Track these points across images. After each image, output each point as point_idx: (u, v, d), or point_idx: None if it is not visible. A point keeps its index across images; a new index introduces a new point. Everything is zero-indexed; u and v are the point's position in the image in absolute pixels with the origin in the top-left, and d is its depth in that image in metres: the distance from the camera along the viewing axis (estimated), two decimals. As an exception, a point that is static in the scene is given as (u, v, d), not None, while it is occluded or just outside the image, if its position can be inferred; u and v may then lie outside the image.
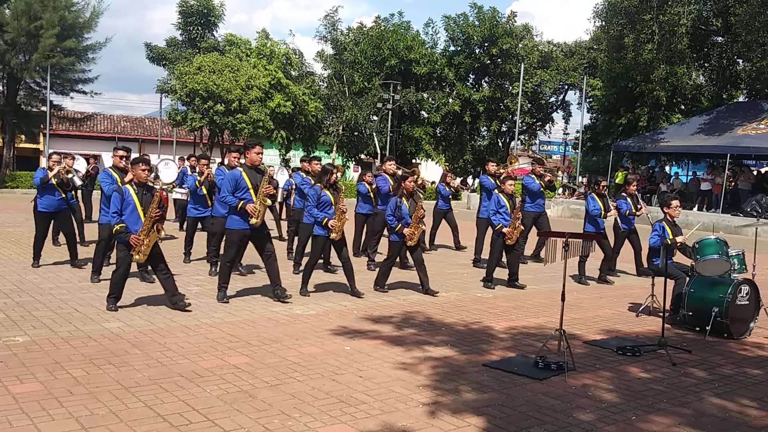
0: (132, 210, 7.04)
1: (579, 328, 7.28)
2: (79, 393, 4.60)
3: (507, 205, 9.31)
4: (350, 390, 4.94)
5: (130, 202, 7.04)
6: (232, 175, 7.74)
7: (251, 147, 7.81)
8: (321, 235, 8.33)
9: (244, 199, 7.57)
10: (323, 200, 8.33)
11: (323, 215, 8.25)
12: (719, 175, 24.41)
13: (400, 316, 7.51)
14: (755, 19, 25.95)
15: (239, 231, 7.64)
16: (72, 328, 6.27)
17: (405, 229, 8.65)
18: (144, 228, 7.00)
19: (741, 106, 30.01)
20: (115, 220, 6.99)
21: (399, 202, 8.70)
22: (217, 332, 6.40)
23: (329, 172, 8.52)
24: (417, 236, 8.81)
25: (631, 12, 28.99)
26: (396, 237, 8.75)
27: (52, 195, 9.51)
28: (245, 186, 7.63)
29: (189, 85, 30.29)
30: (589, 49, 40.21)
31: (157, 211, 7.08)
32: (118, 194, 7.05)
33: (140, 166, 7.20)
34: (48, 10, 29.86)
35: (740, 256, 7.81)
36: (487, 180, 11.83)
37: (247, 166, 7.81)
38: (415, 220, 8.75)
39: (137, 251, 6.98)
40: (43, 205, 9.50)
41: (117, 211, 7.00)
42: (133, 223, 7.00)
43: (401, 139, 39.90)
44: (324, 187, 8.42)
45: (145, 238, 7.00)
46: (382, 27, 40.18)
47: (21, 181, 26.60)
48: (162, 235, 7.12)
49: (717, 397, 5.22)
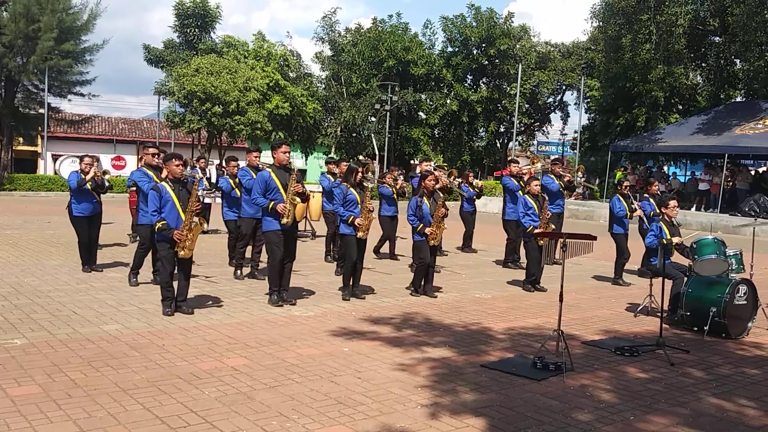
0: (171, 207, 7.00)
1: (577, 329, 7.28)
2: (78, 395, 4.60)
3: (534, 206, 9.28)
4: (349, 391, 4.94)
5: (169, 199, 7.00)
6: (262, 176, 7.69)
7: (278, 146, 7.77)
8: (349, 234, 8.30)
9: (275, 199, 7.52)
10: (349, 199, 8.32)
11: (349, 213, 8.24)
12: (717, 175, 24.42)
13: (399, 317, 7.51)
14: (752, 19, 25.99)
15: (275, 232, 7.59)
16: (70, 331, 6.27)
17: (426, 228, 8.59)
18: (186, 223, 6.99)
19: (739, 105, 30.04)
20: (156, 218, 6.95)
21: (420, 202, 8.63)
22: (216, 334, 6.40)
23: (354, 171, 8.50)
24: (439, 236, 8.78)
25: (628, 12, 29.03)
26: (418, 237, 8.69)
27: (89, 199, 9.36)
28: (275, 186, 7.57)
29: (187, 86, 30.30)
30: (586, 50, 40.29)
31: (197, 204, 7.08)
32: (155, 192, 7.00)
33: (173, 162, 7.15)
34: (46, 13, 29.86)
35: (738, 255, 7.82)
36: (511, 181, 11.70)
37: (275, 166, 7.75)
38: (436, 219, 8.72)
39: (182, 247, 6.95)
40: (78, 210, 9.32)
41: (156, 209, 6.95)
42: (172, 219, 6.97)
43: (399, 140, 39.95)
44: (350, 186, 8.41)
45: (189, 233, 6.99)
46: (379, 28, 40.23)
47: (19, 184, 26.56)
48: (205, 227, 7.09)
49: (715, 396, 5.22)
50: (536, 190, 9.44)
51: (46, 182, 27.21)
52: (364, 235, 8.32)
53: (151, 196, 7.03)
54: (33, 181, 27.21)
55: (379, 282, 9.54)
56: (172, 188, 7.06)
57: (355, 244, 8.31)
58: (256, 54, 34.87)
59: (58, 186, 25.73)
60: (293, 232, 7.85)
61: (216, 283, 9.01)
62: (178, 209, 7.02)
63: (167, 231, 6.91)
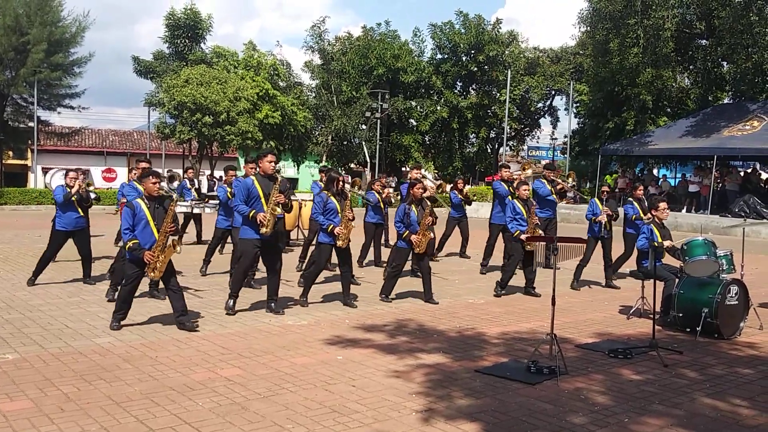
0: (144, 225, 6.79)
1: (571, 332, 7.30)
2: (70, 409, 4.57)
3: (523, 211, 9.28)
4: (343, 399, 4.93)
5: (143, 218, 6.80)
6: (245, 184, 7.68)
7: (263, 156, 7.75)
8: (326, 243, 8.29)
9: (256, 208, 7.49)
10: (329, 207, 8.31)
11: (329, 222, 8.24)
12: (707, 177, 24.58)
13: (393, 324, 7.50)
14: (738, 22, 26.23)
15: (251, 240, 7.55)
16: (62, 344, 6.23)
17: (413, 236, 8.60)
18: (159, 243, 6.77)
19: (727, 107, 30.28)
20: (128, 237, 6.76)
21: (408, 209, 8.65)
22: (209, 345, 6.37)
23: (335, 180, 8.50)
24: (425, 244, 8.75)
25: (615, 17, 29.23)
26: (404, 244, 8.70)
27: (72, 213, 9.30)
28: (257, 195, 7.55)
29: (177, 97, 30.27)
30: (575, 55, 40.49)
31: (171, 225, 6.85)
32: (129, 209, 6.84)
33: (150, 179, 6.95)
34: (35, 26, 29.83)
35: (728, 256, 7.87)
36: (501, 186, 11.59)
37: (260, 174, 7.73)
38: (422, 227, 8.70)
39: (152, 268, 6.75)
40: (61, 224, 9.27)
41: (129, 227, 6.77)
42: (146, 239, 6.77)
43: (390, 147, 40.01)
44: (331, 195, 8.41)
45: (161, 254, 6.78)
46: (368, 37, 40.34)
47: (9, 198, 26.43)
48: (178, 251, 6.91)
49: (709, 397, 5.24)
50: (525, 195, 9.46)
51: (36, 195, 27.09)
52: (344, 243, 8.30)
53: (125, 213, 6.86)
54: (23, 195, 27.10)
55: (372, 289, 9.53)
56: (148, 206, 6.87)
57: (329, 253, 8.34)
58: (246, 64, 34.88)
59: (49, 199, 25.56)
60: (274, 244, 7.81)
61: (208, 293, 8.98)
62: (152, 228, 6.81)
63: (138, 251, 6.70)
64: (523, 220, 9.26)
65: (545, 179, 11.66)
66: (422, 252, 8.76)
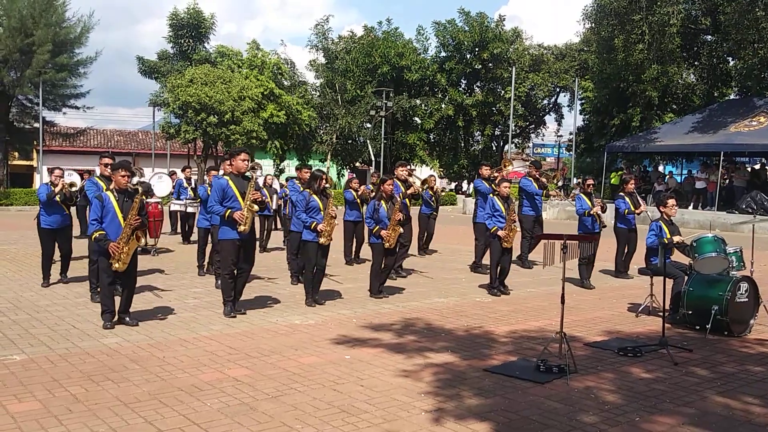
0: (113, 217, 6.89)
1: (579, 330, 7.26)
2: (79, 410, 4.55)
3: (502, 208, 9.28)
4: (352, 399, 4.91)
5: (110, 210, 6.89)
6: (219, 184, 7.64)
7: (237, 154, 7.70)
8: (311, 241, 8.31)
9: (233, 207, 7.47)
10: (312, 206, 8.33)
11: (312, 220, 8.24)
12: (713, 173, 24.46)
13: (400, 323, 7.47)
14: (744, 17, 26.06)
15: (231, 241, 7.52)
16: (69, 345, 6.22)
17: (382, 231, 8.73)
18: (123, 235, 6.84)
19: (733, 103, 30.10)
20: (95, 228, 6.87)
21: (377, 205, 8.81)
22: (216, 345, 6.36)
23: (318, 178, 8.51)
24: (394, 238, 8.86)
25: (620, 13, 29.08)
26: (375, 239, 8.82)
27: (57, 211, 9.32)
28: (232, 194, 7.52)
29: (181, 97, 30.28)
30: (579, 51, 40.34)
31: (136, 218, 6.92)
32: (98, 201, 6.93)
33: (120, 172, 7.03)
34: (40, 27, 29.87)
35: (738, 253, 7.81)
36: (482, 184, 11.77)
37: (233, 174, 7.70)
38: (392, 222, 8.81)
39: (116, 259, 6.80)
40: (47, 222, 9.28)
41: (97, 219, 6.87)
42: (113, 231, 6.86)
43: (395, 145, 39.95)
44: (313, 193, 8.41)
45: (125, 245, 6.84)
46: (372, 35, 40.29)
47: (15, 199, 26.50)
48: (142, 243, 6.95)
49: (720, 395, 5.20)
50: (505, 192, 9.43)
51: (42, 196, 27.11)
52: (327, 240, 8.30)
53: (94, 204, 6.98)
54: (29, 196, 27.13)
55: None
56: (117, 199, 6.95)
57: (316, 251, 8.31)
58: (250, 63, 34.87)
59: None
60: (251, 240, 7.77)
61: (214, 293, 8.96)
62: (120, 220, 6.89)
63: (104, 242, 6.80)
64: (502, 217, 9.26)
65: (530, 177, 11.73)
66: (391, 247, 8.84)
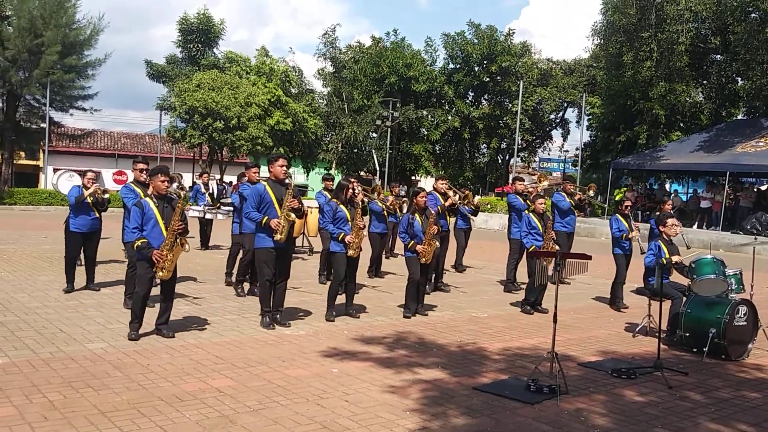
0: (154, 224, 6.69)
1: (574, 349, 7.12)
2: (54, 418, 4.45)
3: (539, 225, 9.06)
4: (334, 415, 4.79)
5: (151, 216, 6.70)
6: (256, 189, 7.50)
7: (274, 160, 7.55)
8: (339, 252, 8.10)
9: (269, 214, 7.30)
10: (339, 216, 8.12)
11: (339, 231, 8.08)
12: (719, 193, 24.31)
13: (392, 336, 7.35)
14: (754, 38, 25.98)
15: (266, 249, 7.35)
16: (54, 349, 6.12)
17: (418, 246, 8.40)
18: (167, 242, 6.66)
19: (740, 123, 29.97)
20: (136, 236, 6.67)
21: (411, 219, 8.45)
22: (203, 353, 6.25)
23: (345, 188, 8.26)
24: (430, 253, 8.54)
25: (629, 30, 29.05)
26: (410, 253, 8.51)
27: (87, 215, 9.12)
28: (270, 200, 7.36)
29: (188, 102, 30.35)
30: (588, 67, 40.33)
31: (179, 223, 6.73)
32: (137, 209, 6.74)
33: (159, 177, 6.84)
34: (50, 28, 30.00)
35: (738, 275, 7.67)
36: (516, 200, 11.13)
37: (271, 180, 7.54)
38: (428, 236, 8.50)
39: (161, 267, 6.62)
40: (76, 225, 9.08)
41: (138, 227, 6.67)
42: (155, 238, 6.67)
43: (400, 156, 39.95)
44: (340, 203, 8.25)
45: (169, 253, 6.66)
46: (380, 45, 40.39)
47: (18, 198, 26.50)
48: (186, 249, 6.82)
49: (713, 421, 5.06)
50: (541, 209, 9.21)
51: (46, 196, 27.13)
52: (356, 252, 8.13)
53: (133, 212, 6.77)
54: (33, 195, 27.15)
55: (374, 300, 9.40)
56: (156, 205, 6.78)
57: (344, 262, 8.10)
58: (258, 70, 34.96)
59: (58, 200, 25.62)
60: (288, 250, 7.64)
61: (207, 299, 8.88)
62: (161, 227, 6.72)
63: (147, 250, 6.60)
64: (539, 235, 9.05)
65: (564, 192, 11.40)
66: (428, 263, 8.60)
